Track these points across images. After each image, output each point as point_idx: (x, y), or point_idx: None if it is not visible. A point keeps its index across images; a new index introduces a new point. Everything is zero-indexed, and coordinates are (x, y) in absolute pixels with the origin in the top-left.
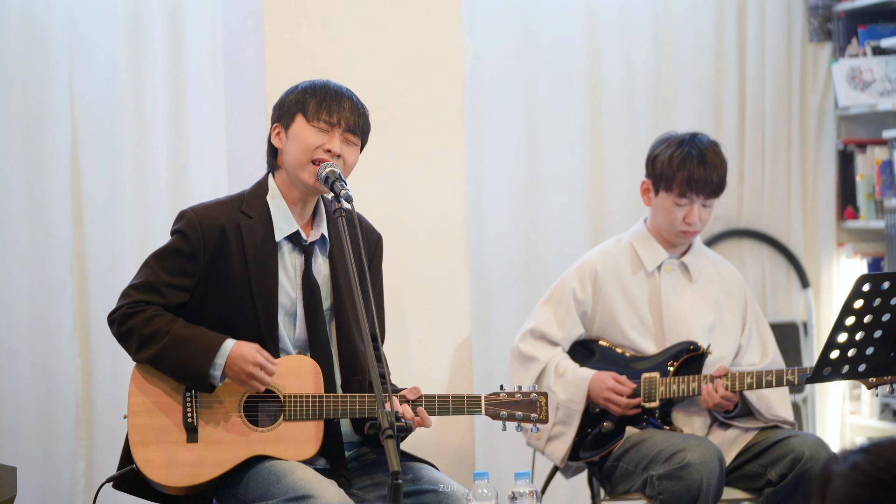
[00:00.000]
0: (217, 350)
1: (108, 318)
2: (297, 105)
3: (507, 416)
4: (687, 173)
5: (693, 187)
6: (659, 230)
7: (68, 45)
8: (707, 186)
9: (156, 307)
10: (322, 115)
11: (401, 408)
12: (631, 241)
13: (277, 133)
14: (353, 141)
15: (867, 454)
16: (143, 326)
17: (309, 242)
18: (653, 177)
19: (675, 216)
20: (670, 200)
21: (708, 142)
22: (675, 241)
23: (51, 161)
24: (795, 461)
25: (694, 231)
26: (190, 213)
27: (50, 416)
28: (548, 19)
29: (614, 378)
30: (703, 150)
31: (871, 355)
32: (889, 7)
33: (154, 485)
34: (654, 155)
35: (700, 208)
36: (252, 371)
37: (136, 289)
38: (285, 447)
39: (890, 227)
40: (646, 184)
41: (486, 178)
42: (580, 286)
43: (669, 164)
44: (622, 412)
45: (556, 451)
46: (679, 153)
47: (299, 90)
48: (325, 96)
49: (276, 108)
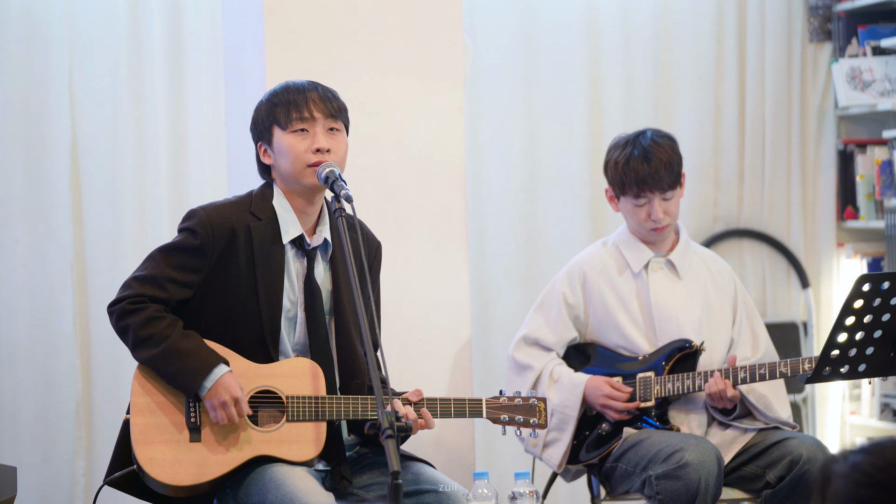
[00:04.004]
0: (208, 373)
1: (108, 308)
2: (269, 118)
3: (508, 419)
4: (633, 173)
5: (644, 186)
6: (634, 232)
7: (68, 45)
8: (657, 182)
9: (156, 306)
10: (293, 116)
11: (403, 409)
12: (616, 242)
13: (264, 151)
14: (336, 127)
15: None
16: (141, 327)
17: (312, 247)
18: (611, 183)
19: (639, 216)
20: (629, 203)
21: (652, 137)
22: (651, 238)
23: (51, 161)
24: (793, 463)
25: (663, 226)
26: (200, 212)
27: (50, 416)
28: (548, 19)
29: (609, 383)
30: (647, 148)
31: (871, 355)
32: (889, 7)
33: (157, 484)
34: (606, 160)
35: (661, 202)
36: (226, 400)
37: (139, 280)
38: (288, 448)
39: (890, 227)
40: (609, 191)
41: (486, 178)
42: (570, 290)
43: (616, 168)
44: (620, 417)
45: (553, 457)
46: (623, 155)
47: (265, 103)
48: (289, 97)
49: (253, 129)
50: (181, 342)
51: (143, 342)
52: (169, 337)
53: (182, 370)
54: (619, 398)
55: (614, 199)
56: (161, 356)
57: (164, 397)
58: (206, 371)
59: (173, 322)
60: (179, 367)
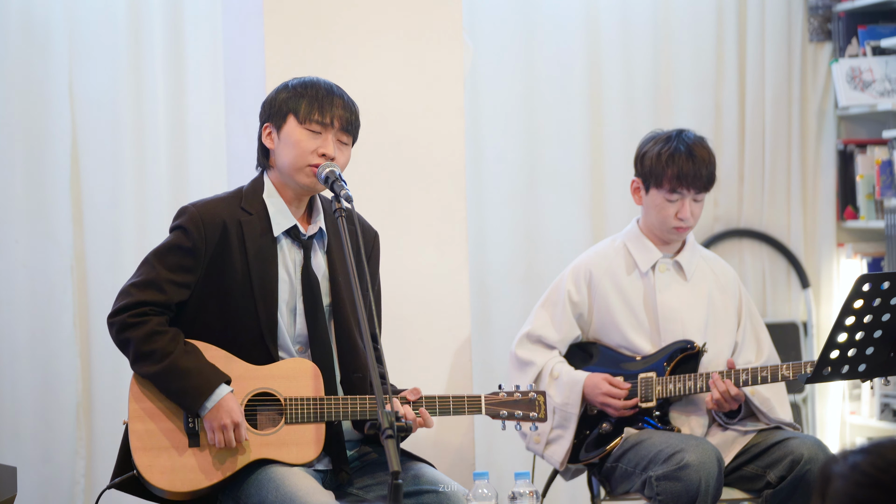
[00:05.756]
0: (210, 394)
1: (109, 319)
2: (288, 105)
3: (507, 415)
4: (676, 168)
5: (683, 182)
6: (651, 229)
7: (68, 45)
8: (697, 180)
9: (158, 319)
10: (314, 115)
11: (402, 409)
12: (624, 241)
13: (268, 133)
14: (345, 140)
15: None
16: (142, 343)
17: (307, 237)
18: (642, 174)
19: (667, 212)
20: (661, 197)
21: (695, 137)
22: (668, 238)
23: (51, 161)
24: (794, 463)
25: (686, 227)
26: (191, 209)
27: (50, 416)
28: (548, 19)
29: (608, 381)
30: (691, 145)
31: (871, 355)
32: (889, 7)
33: (156, 491)
34: (642, 152)
35: (691, 203)
36: (226, 424)
37: (137, 287)
38: (287, 450)
39: (890, 227)
40: (636, 182)
41: (486, 178)
42: (575, 288)
43: (658, 160)
44: (619, 414)
45: (555, 455)
46: (667, 149)
47: (290, 88)
48: (317, 95)
49: (266, 107)
50: (183, 360)
51: (145, 357)
52: (171, 354)
53: (184, 389)
54: (617, 395)
55: (640, 190)
56: (163, 374)
57: (163, 403)
58: (208, 391)
59: (175, 337)
60: (182, 385)
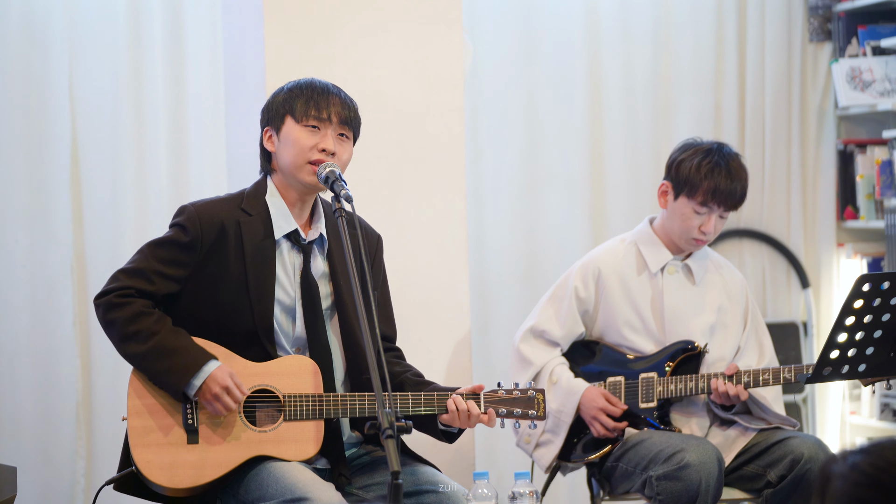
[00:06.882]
0: (198, 371)
1: (95, 300)
2: (285, 106)
3: (506, 412)
4: (713, 183)
5: (716, 197)
6: (668, 233)
7: (68, 45)
8: (730, 198)
9: (144, 301)
10: (311, 112)
11: (465, 404)
12: (635, 241)
13: (269, 137)
14: (346, 135)
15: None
16: (128, 322)
17: (307, 241)
18: (675, 181)
19: (692, 223)
20: (690, 207)
21: (733, 153)
22: (685, 247)
23: (51, 161)
24: (794, 462)
25: (706, 241)
26: (190, 208)
27: (50, 416)
28: (548, 19)
29: (606, 397)
30: (730, 162)
31: (871, 355)
32: (889, 7)
33: (155, 487)
34: (679, 159)
35: (717, 219)
36: (217, 392)
37: (126, 273)
38: (286, 447)
39: (890, 227)
40: (665, 186)
41: (486, 178)
42: (583, 285)
43: (697, 172)
44: (605, 434)
45: (543, 458)
46: (708, 161)
47: (285, 91)
48: (312, 94)
49: (265, 112)
50: (170, 339)
51: (131, 337)
52: (157, 333)
53: (171, 368)
54: (612, 413)
55: (668, 194)
56: (149, 353)
57: (161, 399)
58: (195, 368)
59: (161, 318)
60: (168, 364)
